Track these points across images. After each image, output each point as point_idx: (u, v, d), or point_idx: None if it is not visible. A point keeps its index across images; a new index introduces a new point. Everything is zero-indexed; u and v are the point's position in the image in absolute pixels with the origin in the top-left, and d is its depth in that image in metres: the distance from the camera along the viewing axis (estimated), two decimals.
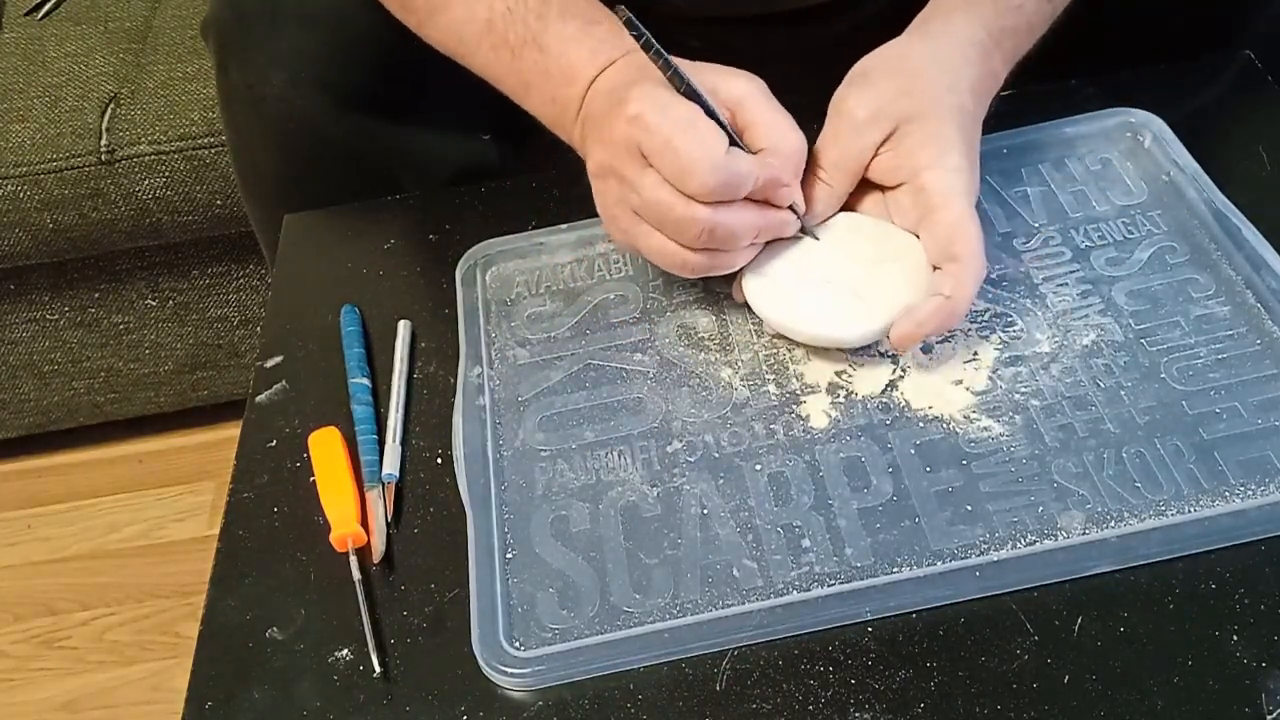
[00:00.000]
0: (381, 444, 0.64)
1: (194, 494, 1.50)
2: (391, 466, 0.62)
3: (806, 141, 0.61)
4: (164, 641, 1.35)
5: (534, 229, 0.74)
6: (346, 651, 0.55)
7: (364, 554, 0.58)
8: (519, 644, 0.53)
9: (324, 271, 0.77)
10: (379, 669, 0.54)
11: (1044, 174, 0.72)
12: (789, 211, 0.62)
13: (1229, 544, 0.52)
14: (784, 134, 0.60)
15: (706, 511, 0.57)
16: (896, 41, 0.65)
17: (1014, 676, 0.50)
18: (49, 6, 1.40)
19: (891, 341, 0.60)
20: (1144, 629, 0.50)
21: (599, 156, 0.61)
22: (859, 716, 0.49)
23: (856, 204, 0.66)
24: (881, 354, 0.63)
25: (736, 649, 0.52)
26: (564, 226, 0.74)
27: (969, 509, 0.55)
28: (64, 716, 1.30)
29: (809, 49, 0.84)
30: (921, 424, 0.59)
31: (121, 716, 1.30)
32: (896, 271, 0.62)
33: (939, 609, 0.52)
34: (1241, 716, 0.47)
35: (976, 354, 0.62)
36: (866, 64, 0.65)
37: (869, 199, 0.65)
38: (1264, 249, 0.63)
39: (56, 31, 1.37)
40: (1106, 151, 0.73)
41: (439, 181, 0.85)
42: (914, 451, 0.58)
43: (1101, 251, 0.66)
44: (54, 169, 1.24)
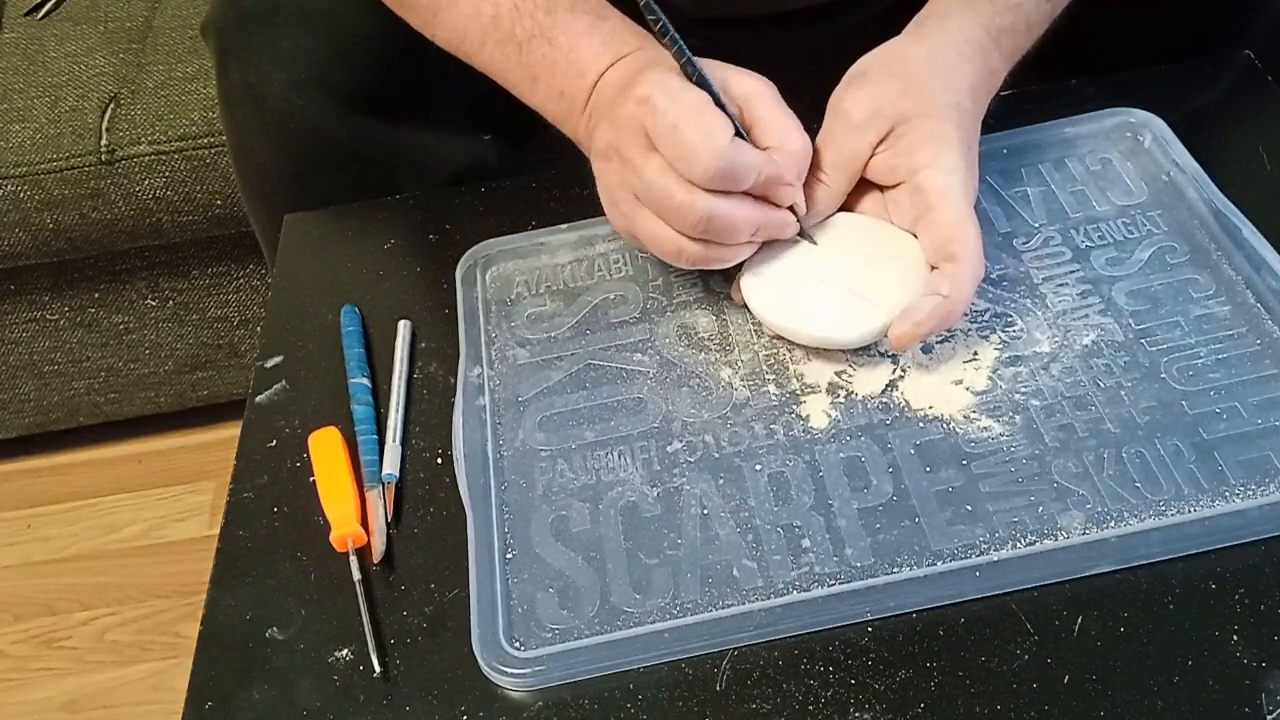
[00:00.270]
0: (381, 444, 0.64)
1: (194, 494, 1.50)
2: (391, 466, 0.62)
3: (812, 146, 0.62)
4: (164, 641, 1.35)
5: (534, 229, 0.74)
6: (346, 651, 0.55)
7: (364, 554, 0.58)
8: (519, 644, 0.53)
9: (324, 271, 0.77)
10: (379, 669, 0.54)
11: (1044, 174, 0.72)
12: (789, 213, 0.62)
13: (1229, 544, 0.52)
14: (790, 135, 0.60)
15: (706, 511, 0.57)
16: (894, 41, 0.65)
17: (1014, 676, 0.50)
18: (49, 6, 1.40)
19: (889, 342, 0.60)
20: (1144, 629, 0.50)
21: (606, 136, 0.61)
22: (859, 716, 0.49)
23: (855, 204, 0.66)
24: (881, 354, 0.63)
25: (736, 649, 0.52)
26: (564, 226, 0.74)
27: (969, 509, 0.55)
28: (64, 716, 1.30)
29: (809, 49, 0.84)
30: (921, 424, 0.59)
31: (121, 716, 1.30)
32: (894, 271, 0.62)
33: (939, 609, 0.52)
34: (1241, 716, 0.47)
35: (976, 354, 0.62)
36: (864, 64, 0.65)
37: (868, 199, 0.65)
38: (1264, 249, 0.63)
39: (56, 31, 1.37)
40: (1106, 151, 0.73)
41: (439, 181, 0.85)
42: (914, 451, 0.58)
43: (1101, 251, 0.66)
44: (54, 169, 1.24)
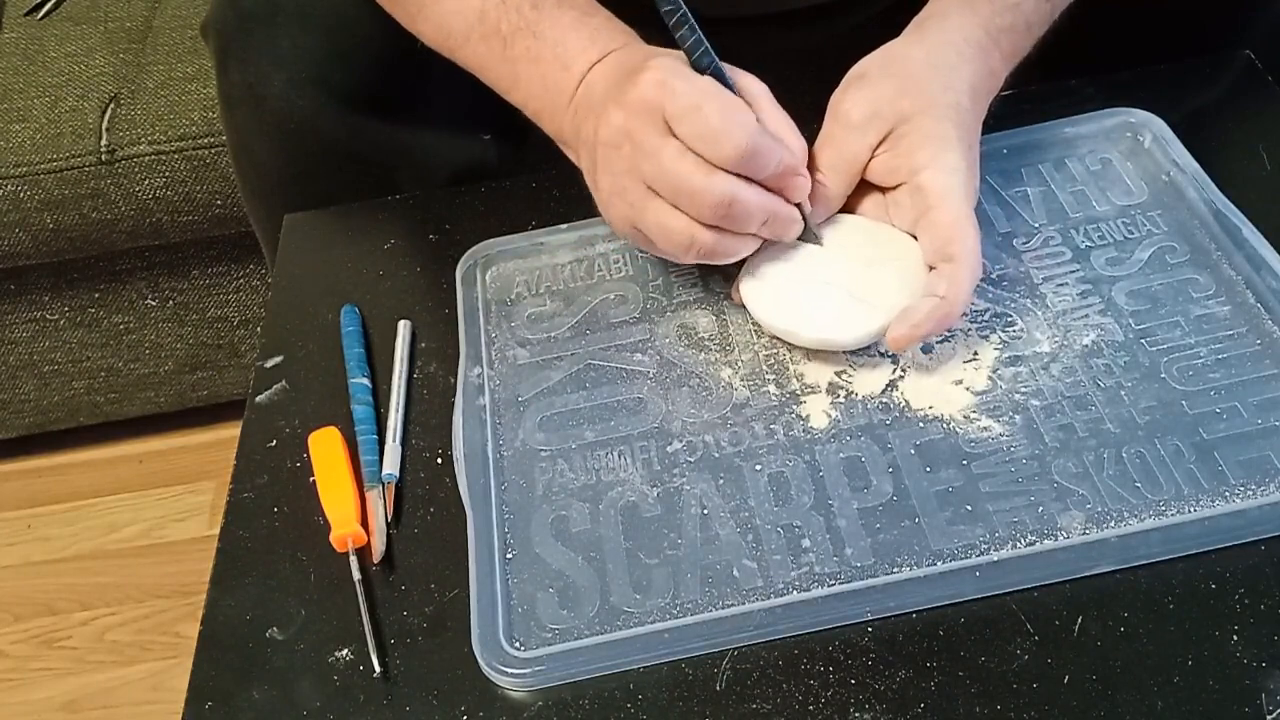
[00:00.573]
0: (381, 444, 0.64)
1: (194, 494, 1.50)
2: (391, 466, 0.62)
3: (808, 147, 0.61)
4: (164, 641, 1.35)
5: (534, 229, 0.74)
6: (346, 651, 0.55)
7: (364, 554, 0.58)
8: (519, 644, 0.53)
9: (324, 271, 0.77)
10: (379, 669, 0.54)
11: (1044, 174, 0.72)
12: (797, 210, 0.62)
13: (1229, 544, 0.52)
14: (788, 135, 0.60)
15: (706, 511, 0.57)
16: (893, 43, 0.65)
17: (1014, 676, 0.50)
18: (49, 6, 1.40)
19: (887, 343, 0.60)
20: (1144, 629, 0.50)
21: (615, 122, 0.59)
22: (859, 716, 0.49)
23: (856, 205, 0.65)
24: (881, 354, 0.63)
25: (736, 649, 0.52)
26: (564, 226, 0.74)
27: (969, 509, 0.55)
28: (64, 716, 1.30)
29: (809, 49, 0.84)
30: (921, 424, 0.59)
31: (121, 716, 1.30)
32: (894, 273, 0.62)
33: (939, 609, 0.52)
34: (1241, 716, 0.47)
35: (976, 354, 0.62)
36: (863, 66, 0.65)
37: (869, 200, 0.65)
38: (1264, 249, 0.63)
39: (56, 31, 1.37)
40: (1106, 151, 0.73)
41: (439, 181, 0.85)
42: (914, 451, 0.58)
43: (1101, 251, 0.66)
44: (54, 169, 1.24)
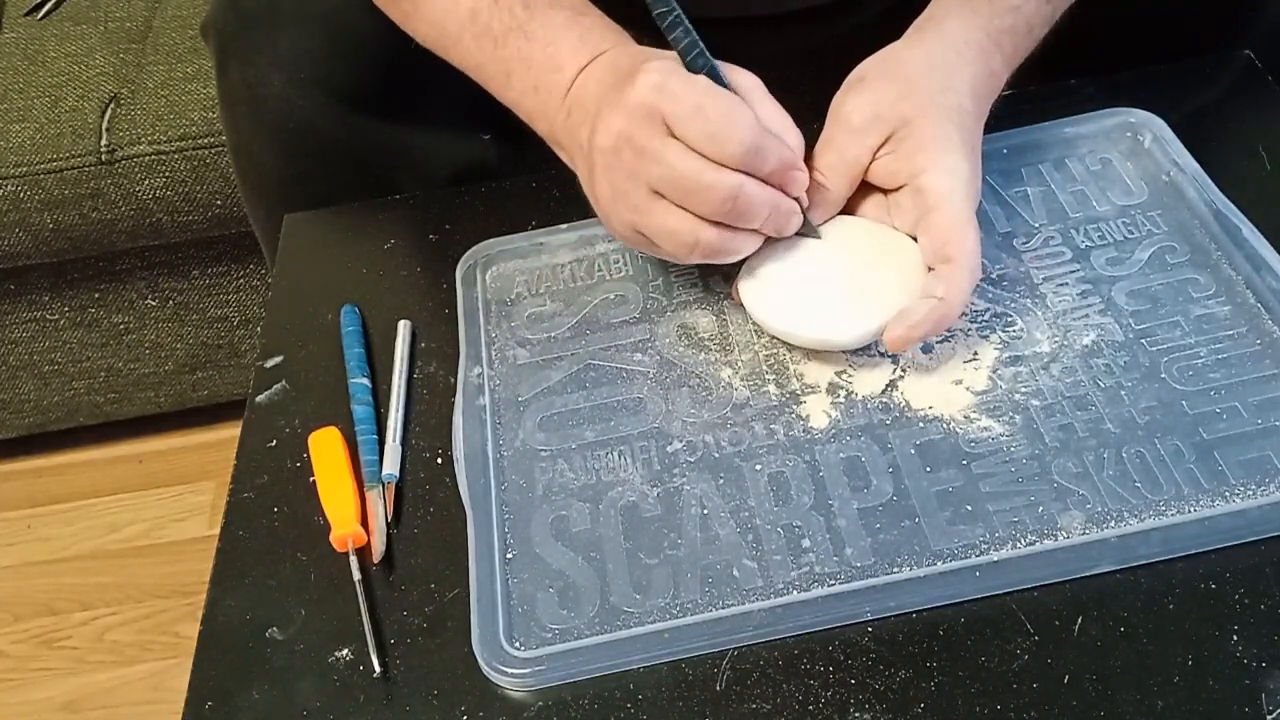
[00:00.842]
0: (381, 444, 0.64)
1: (194, 494, 1.50)
2: (391, 466, 0.62)
3: (805, 142, 0.61)
4: (164, 641, 1.35)
5: (534, 229, 0.74)
6: (346, 651, 0.55)
7: (364, 554, 0.58)
8: (519, 644, 0.53)
9: (324, 271, 0.77)
10: (379, 669, 0.54)
11: (1044, 174, 0.72)
12: (797, 204, 0.62)
13: (1229, 544, 0.52)
14: (785, 130, 0.60)
15: (706, 511, 0.57)
16: (894, 45, 0.65)
17: (1014, 676, 0.50)
18: (49, 6, 1.40)
19: (885, 344, 0.60)
20: (1144, 629, 0.50)
21: (614, 128, 0.59)
22: (859, 716, 0.49)
23: (857, 207, 0.65)
24: (881, 354, 0.63)
25: (736, 649, 0.52)
26: (564, 226, 0.74)
27: (969, 509, 0.55)
28: (64, 716, 1.30)
29: (809, 50, 0.84)
30: (921, 424, 0.59)
31: (121, 716, 1.30)
32: (892, 273, 0.62)
33: (939, 609, 0.52)
34: (1241, 716, 0.47)
35: (976, 354, 0.62)
36: (863, 69, 0.65)
37: (870, 202, 0.65)
38: (1264, 249, 0.63)
39: (56, 31, 1.37)
40: (1106, 151, 0.73)
41: (439, 181, 0.85)
42: (914, 451, 0.58)
43: (1101, 251, 0.66)
44: (54, 169, 1.24)
